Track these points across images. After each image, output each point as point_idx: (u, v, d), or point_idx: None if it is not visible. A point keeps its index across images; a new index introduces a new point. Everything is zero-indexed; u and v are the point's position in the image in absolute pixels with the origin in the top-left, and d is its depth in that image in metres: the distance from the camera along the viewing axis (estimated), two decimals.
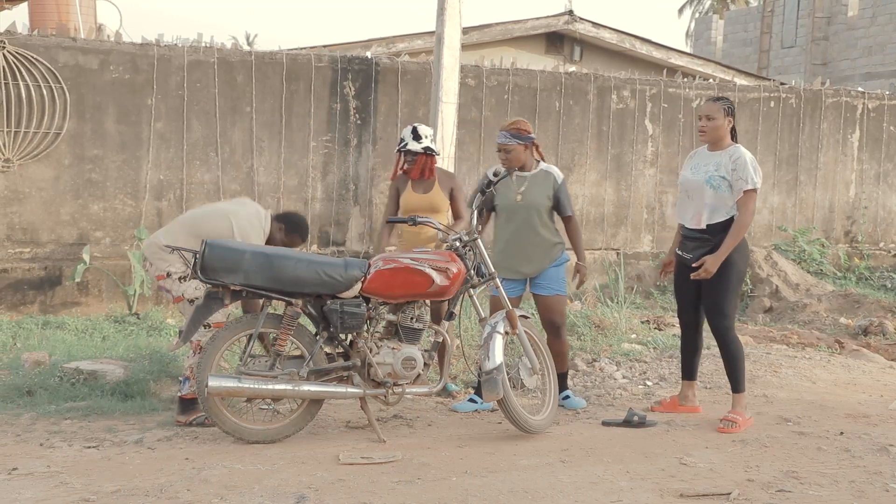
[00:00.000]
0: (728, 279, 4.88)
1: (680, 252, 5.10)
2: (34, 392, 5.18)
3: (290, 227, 5.02)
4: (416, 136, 5.44)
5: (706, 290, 4.95)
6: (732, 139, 5.03)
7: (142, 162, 8.19)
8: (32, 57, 7.73)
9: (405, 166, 5.50)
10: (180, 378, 4.85)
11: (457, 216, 5.61)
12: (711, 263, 4.82)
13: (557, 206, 5.28)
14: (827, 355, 6.92)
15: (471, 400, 5.32)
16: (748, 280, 9.38)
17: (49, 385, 5.26)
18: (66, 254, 7.97)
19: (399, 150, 5.54)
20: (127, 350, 6.22)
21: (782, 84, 11.47)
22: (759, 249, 9.85)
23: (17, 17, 8.77)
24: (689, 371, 5.28)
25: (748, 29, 23.43)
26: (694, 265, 4.90)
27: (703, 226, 4.92)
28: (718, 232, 4.89)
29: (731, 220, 4.88)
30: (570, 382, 5.94)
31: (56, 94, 7.82)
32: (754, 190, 4.87)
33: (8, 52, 7.62)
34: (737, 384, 5.00)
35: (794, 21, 21.94)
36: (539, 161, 5.34)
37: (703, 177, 4.94)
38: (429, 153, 5.49)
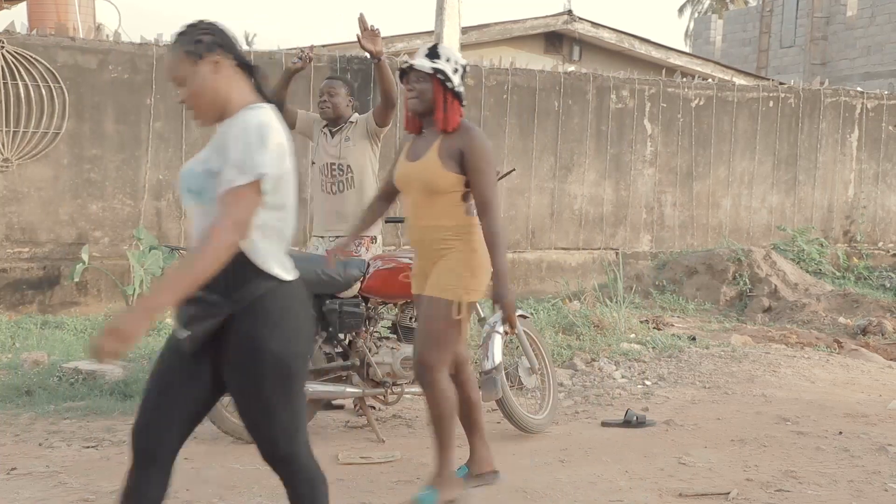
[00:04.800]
0: (269, 376, 2.40)
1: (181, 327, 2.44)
2: (33, 392, 5.18)
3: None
4: (433, 54, 3.61)
5: (237, 395, 2.47)
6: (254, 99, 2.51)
7: (141, 162, 8.19)
8: (31, 56, 7.72)
9: (409, 104, 3.60)
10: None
11: (480, 205, 3.50)
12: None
13: None
14: (826, 355, 6.92)
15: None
16: (748, 279, 9.37)
17: (48, 385, 5.26)
18: (64, 253, 7.96)
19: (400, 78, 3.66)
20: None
21: (781, 84, 11.48)
22: (758, 249, 9.86)
23: (16, 17, 8.77)
24: None
25: (747, 29, 23.42)
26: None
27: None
28: (235, 282, 2.39)
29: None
30: (569, 382, 5.93)
31: (55, 93, 7.81)
32: (251, 185, 2.33)
33: (7, 51, 7.62)
34: None
35: (793, 21, 21.93)
36: None
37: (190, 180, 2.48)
38: (443, 81, 3.54)
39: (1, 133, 7.67)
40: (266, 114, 2.41)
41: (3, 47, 7.60)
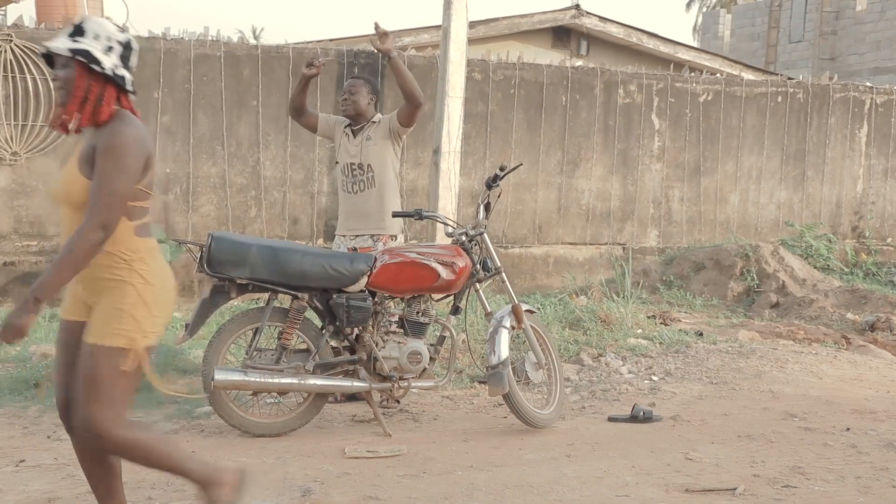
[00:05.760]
0: None
1: None
2: (41, 384, 5.19)
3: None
4: (77, 31, 2.80)
5: None
6: None
7: None
8: (39, 50, 7.74)
9: (55, 96, 2.94)
10: None
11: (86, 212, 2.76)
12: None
13: None
14: (833, 351, 6.90)
15: None
16: (755, 275, 9.35)
17: None
18: None
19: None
20: None
21: (790, 79, 11.43)
22: (766, 245, 9.83)
23: (24, 11, 8.78)
24: None
25: (756, 23, 23.32)
26: None
27: None
28: None
29: None
30: (575, 377, 5.93)
31: None
32: None
33: (15, 45, 7.63)
34: None
35: (802, 16, 21.84)
36: None
37: None
38: (88, 64, 2.76)
39: (9, 127, 7.70)
40: None
41: (11, 41, 7.62)
